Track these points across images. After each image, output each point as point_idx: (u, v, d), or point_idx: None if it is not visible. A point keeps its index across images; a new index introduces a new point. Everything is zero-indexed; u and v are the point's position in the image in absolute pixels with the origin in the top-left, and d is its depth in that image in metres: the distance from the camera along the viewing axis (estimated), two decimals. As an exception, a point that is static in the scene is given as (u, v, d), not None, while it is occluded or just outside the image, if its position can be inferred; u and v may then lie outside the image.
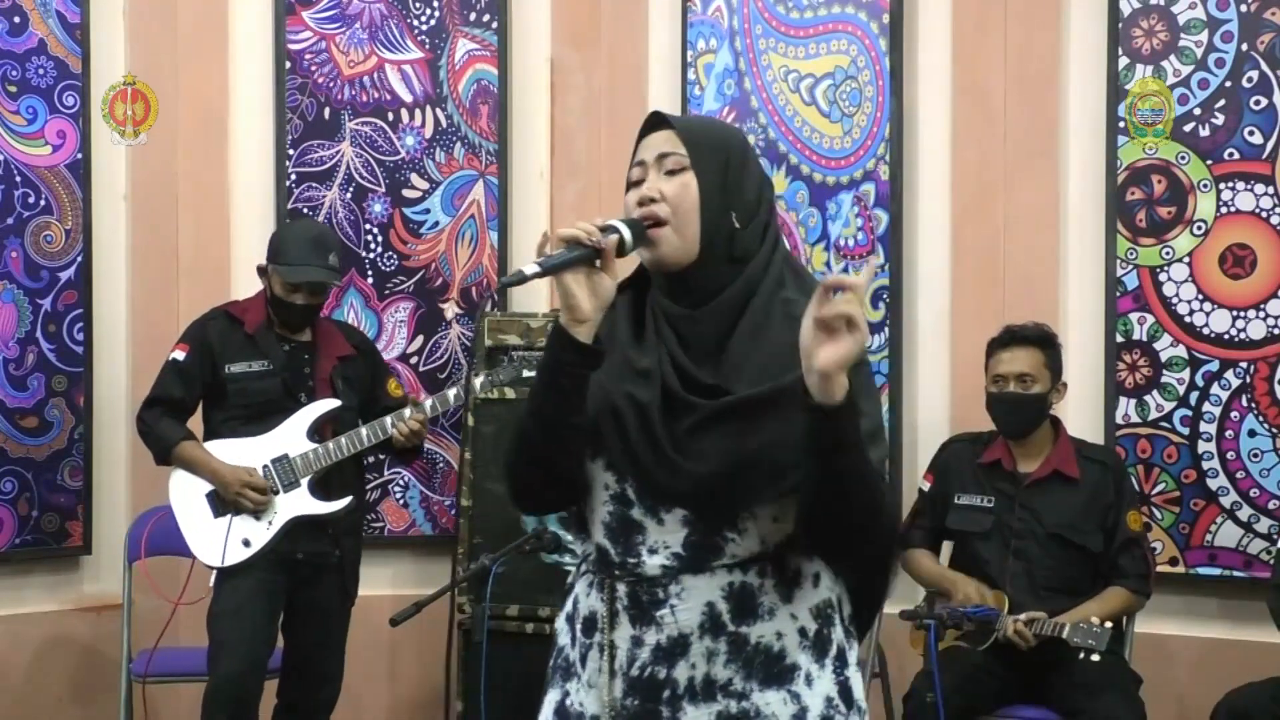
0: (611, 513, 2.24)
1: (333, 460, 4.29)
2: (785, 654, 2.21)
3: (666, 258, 2.22)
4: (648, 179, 2.25)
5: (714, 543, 2.20)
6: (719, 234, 2.22)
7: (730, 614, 2.20)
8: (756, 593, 2.21)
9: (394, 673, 5.22)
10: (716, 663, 2.20)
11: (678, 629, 2.20)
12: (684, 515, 2.20)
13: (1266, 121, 4.37)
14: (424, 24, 5.26)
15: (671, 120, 2.28)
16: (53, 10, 4.91)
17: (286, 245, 4.33)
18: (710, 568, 2.20)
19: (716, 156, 2.25)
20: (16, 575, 4.93)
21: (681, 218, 2.22)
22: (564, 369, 2.16)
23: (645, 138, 2.30)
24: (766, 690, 2.20)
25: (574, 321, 2.15)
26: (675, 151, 2.24)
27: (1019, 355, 4.23)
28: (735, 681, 2.20)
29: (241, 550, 4.24)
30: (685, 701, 2.21)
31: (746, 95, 5.03)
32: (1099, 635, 3.90)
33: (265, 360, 4.33)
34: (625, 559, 2.23)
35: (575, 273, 2.14)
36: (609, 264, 2.16)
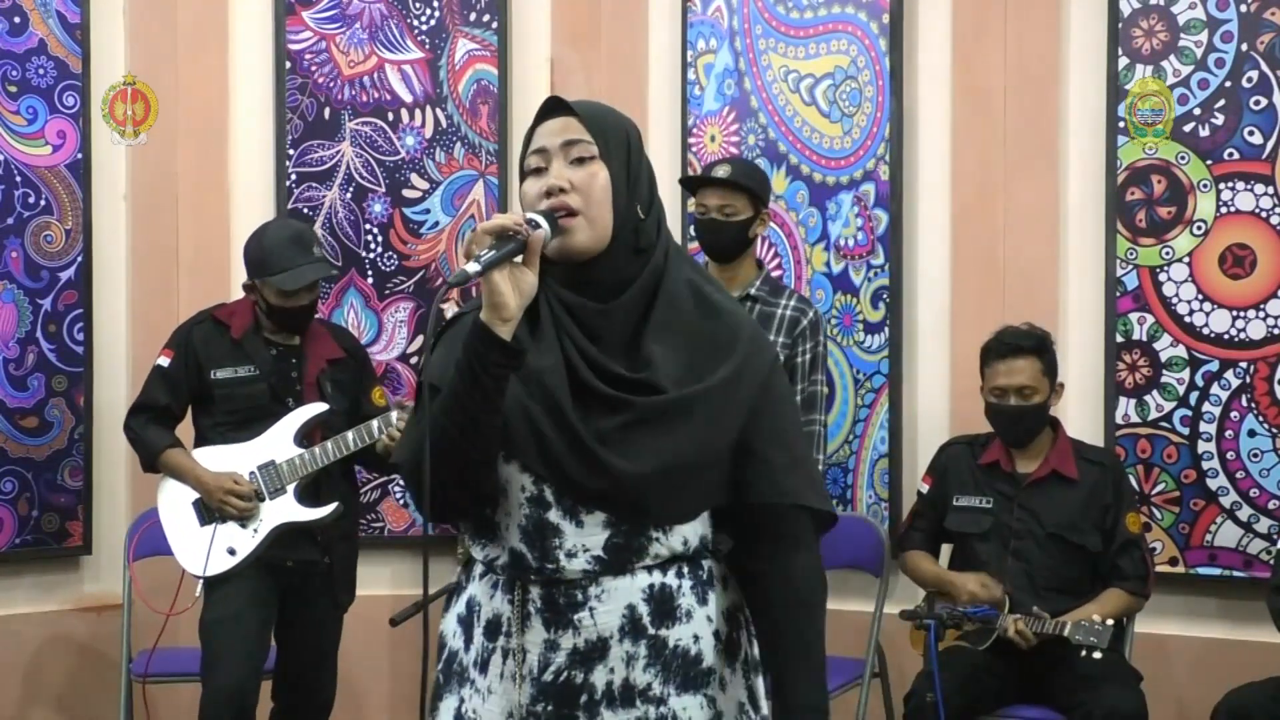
0: (528, 515, 2.15)
1: (319, 465, 4.25)
2: (702, 657, 2.17)
3: (577, 248, 2.14)
4: (551, 167, 2.18)
5: (638, 544, 2.14)
6: (627, 224, 2.16)
7: (650, 616, 2.15)
8: (675, 594, 2.16)
9: (394, 673, 5.22)
10: (636, 667, 2.14)
11: (596, 632, 2.14)
12: (605, 517, 2.13)
13: (1266, 121, 4.37)
14: (424, 24, 5.26)
15: (574, 106, 2.21)
16: (53, 10, 4.91)
17: (268, 255, 4.20)
18: (632, 569, 2.14)
19: (621, 145, 2.20)
20: (16, 575, 4.93)
21: (593, 208, 2.15)
22: (487, 369, 2.06)
23: (543, 123, 2.23)
24: (684, 694, 2.16)
25: (498, 320, 2.06)
26: (582, 139, 2.18)
27: (1018, 367, 4.20)
28: (654, 686, 2.15)
29: (226, 558, 4.21)
30: (603, 707, 2.14)
31: (746, 95, 5.03)
32: (1100, 633, 3.90)
33: (251, 365, 4.28)
34: (543, 564, 2.15)
35: (503, 269, 2.06)
36: (532, 258, 2.09)
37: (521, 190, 2.23)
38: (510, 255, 2.07)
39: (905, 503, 4.69)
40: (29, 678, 4.96)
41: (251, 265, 4.26)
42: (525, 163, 2.24)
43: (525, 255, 2.09)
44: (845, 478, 4.89)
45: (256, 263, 4.24)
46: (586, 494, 2.12)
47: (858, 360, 4.87)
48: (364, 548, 4.55)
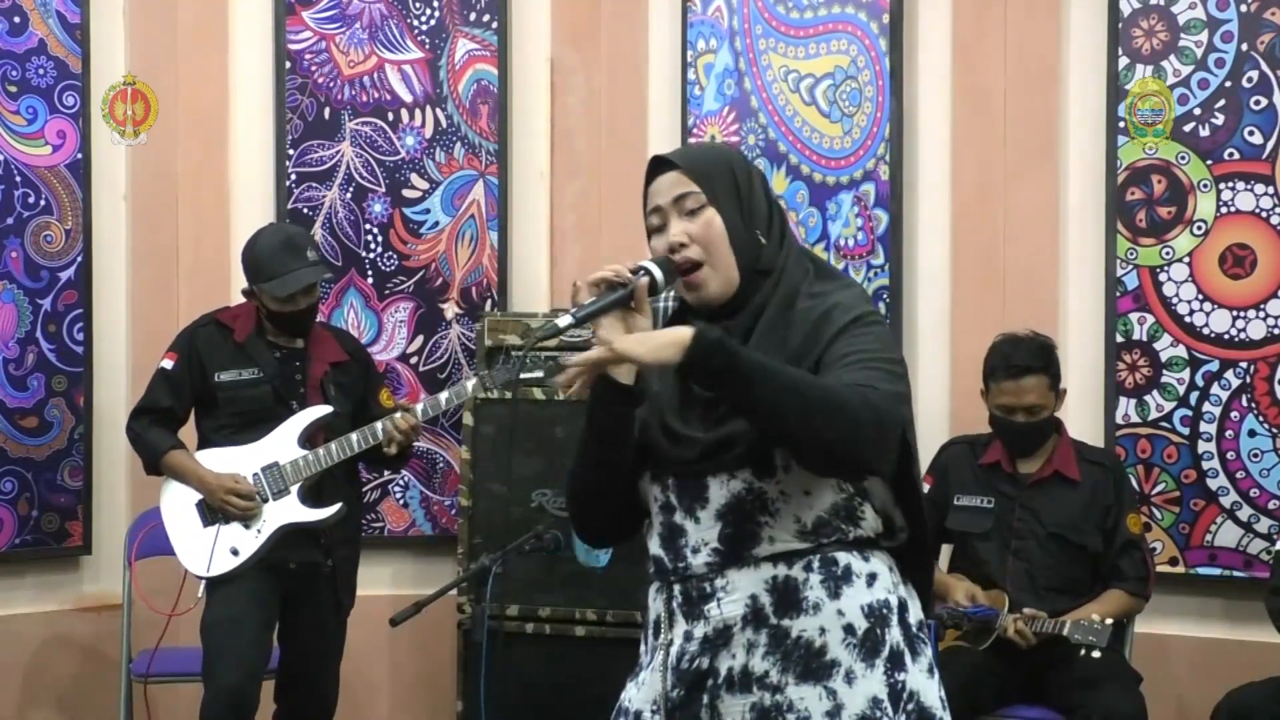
0: (662, 522, 2.34)
1: (323, 466, 4.26)
2: (826, 650, 2.25)
3: (711, 297, 2.31)
4: (670, 225, 2.32)
5: (748, 530, 2.26)
6: (751, 258, 2.31)
7: (773, 607, 2.26)
8: (801, 587, 2.26)
9: (394, 673, 5.22)
10: (755, 654, 2.26)
11: (723, 621, 2.27)
12: (717, 510, 2.27)
13: (1266, 121, 4.37)
14: (424, 24, 5.25)
15: (675, 160, 2.35)
16: (53, 10, 4.91)
17: (262, 261, 4.23)
18: (752, 559, 2.26)
19: (728, 184, 2.32)
20: (16, 575, 4.93)
21: (715, 255, 2.30)
22: (604, 408, 2.28)
23: (652, 182, 2.36)
24: (802, 685, 2.24)
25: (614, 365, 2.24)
26: (690, 190, 2.31)
27: (1027, 386, 4.18)
28: (771, 674, 2.25)
29: (229, 559, 4.21)
30: (724, 691, 2.27)
31: (746, 95, 5.02)
32: (1100, 632, 3.90)
33: (255, 368, 4.30)
34: (676, 564, 2.33)
35: (610, 315, 2.23)
36: (642, 304, 2.25)
37: (651, 247, 2.38)
38: (611, 306, 2.23)
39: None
40: (29, 678, 4.96)
41: (247, 272, 4.30)
42: (647, 221, 2.38)
43: (635, 302, 2.25)
44: (845, 478, 4.88)
45: (251, 270, 4.27)
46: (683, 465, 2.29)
47: (858, 360, 4.86)
48: (364, 548, 4.56)
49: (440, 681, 5.06)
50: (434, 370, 5.27)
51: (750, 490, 2.26)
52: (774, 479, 2.26)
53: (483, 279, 5.29)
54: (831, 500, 2.27)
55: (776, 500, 2.26)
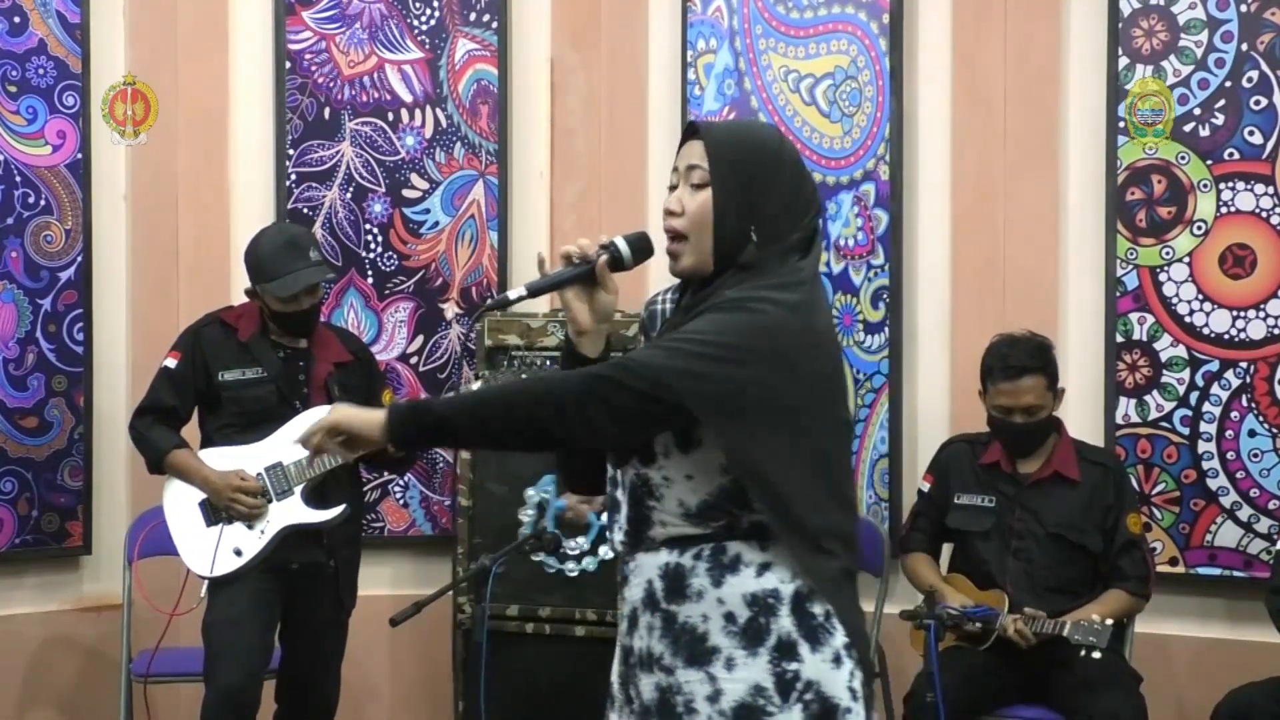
0: (609, 494, 2.44)
1: (327, 468, 4.25)
2: (708, 636, 2.31)
3: (681, 271, 2.37)
4: (678, 189, 2.37)
5: (642, 514, 2.35)
6: (732, 249, 2.32)
7: (664, 592, 2.34)
8: (688, 574, 2.33)
9: (394, 673, 5.22)
10: (654, 636, 2.35)
11: (632, 602, 2.40)
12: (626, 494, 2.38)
13: (1266, 121, 4.37)
14: (424, 24, 5.26)
15: (702, 130, 2.37)
16: (53, 10, 4.91)
17: (264, 261, 4.23)
18: (651, 544, 2.36)
19: (737, 171, 2.33)
20: (16, 575, 4.93)
21: (696, 234, 2.34)
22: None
23: (684, 145, 2.40)
24: (689, 668, 2.32)
25: (576, 334, 2.37)
26: (700, 165, 2.35)
27: (1025, 387, 4.18)
28: (665, 656, 2.34)
29: (233, 559, 4.22)
30: (638, 669, 2.39)
31: (746, 95, 5.02)
32: (1100, 633, 3.90)
33: (259, 368, 4.30)
34: (612, 536, 2.45)
35: (574, 289, 2.34)
36: (604, 279, 2.34)
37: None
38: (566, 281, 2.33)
39: (905, 503, 4.69)
40: (29, 678, 4.96)
41: (250, 272, 4.30)
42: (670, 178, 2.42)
43: (599, 279, 2.35)
44: (845, 478, 4.88)
45: (254, 270, 4.27)
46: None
47: (858, 360, 4.87)
48: (364, 548, 4.56)
49: (440, 681, 5.06)
50: (434, 370, 5.27)
51: (639, 476, 2.35)
52: (655, 464, 2.34)
53: (483, 279, 5.29)
54: (718, 483, 2.31)
55: (660, 486, 2.33)
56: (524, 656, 4.65)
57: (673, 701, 2.31)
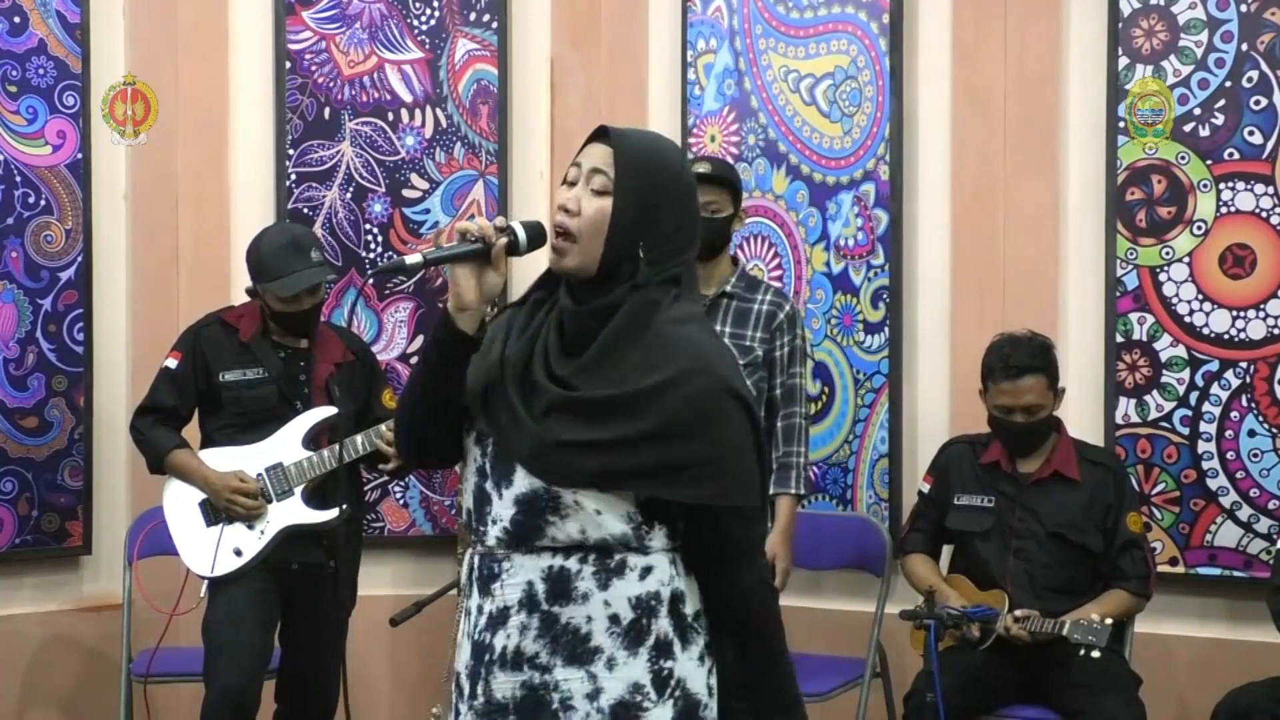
0: (476, 484, 2.42)
1: (327, 468, 4.26)
2: (591, 637, 2.35)
3: (564, 269, 2.37)
4: (576, 187, 2.38)
5: (536, 524, 2.35)
6: (621, 261, 2.35)
7: (545, 595, 2.35)
8: (573, 578, 2.35)
9: (394, 673, 5.22)
10: (528, 636, 2.36)
11: (504, 601, 2.38)
12: (516, 495, 2.35)
13: (1266, 121, 4.37)
14: (424, 24, 5.26)
15: (616, 140, 2.38)
16: (53, 10, 4.91)
17: (266, 261, 4.23)
18: (534, 548, 2.36)
19: (640, 186, 2.36)
20: (16, 575, 4.93)
21: (586, 237, 2.34)
22: (438, 348, 2.39)
23: (591, 144, 2.42)
24: (568, 667, 2.34)
25: (457, 308, 2.35)
26: (605, 172, 2.36)
27: (1025, 386, 4.17)
28: (541, 655, 2.35)
29: (233, 559, 4.22)
30: (496, 667, 2.38)
31: (746, 95, 5.03)
32: (1099, 632, 3.90)
33: (260, 368, 4.30)
34: (478, 527, 2.42)
35: (466, 265, 2.34)
36: (498, 262, 2.35)
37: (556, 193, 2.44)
38: (461, 257, 2.34)
39: (905, 503, 4.69)
40: (29, 678, 4.96)
41: (252, 272, 4.29)
42: (567, 171, 2.42)
43: (493, 259, 2.35)
44: (845, 478, 4.89)
45: (255, 269, 4.27)
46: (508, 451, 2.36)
47: (858, 360, 4.87)
48: (364, 548, 4.55)
49: (440, 681, 5.06)
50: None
51: (548, 491, 2.33)
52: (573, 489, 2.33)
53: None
54: (621, 529, 2.33)
55: (569, 508, 2.32)
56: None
57: (546, 699, 2.34)
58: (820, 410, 4.91)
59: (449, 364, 2.38)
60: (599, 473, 2.29)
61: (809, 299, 4.94)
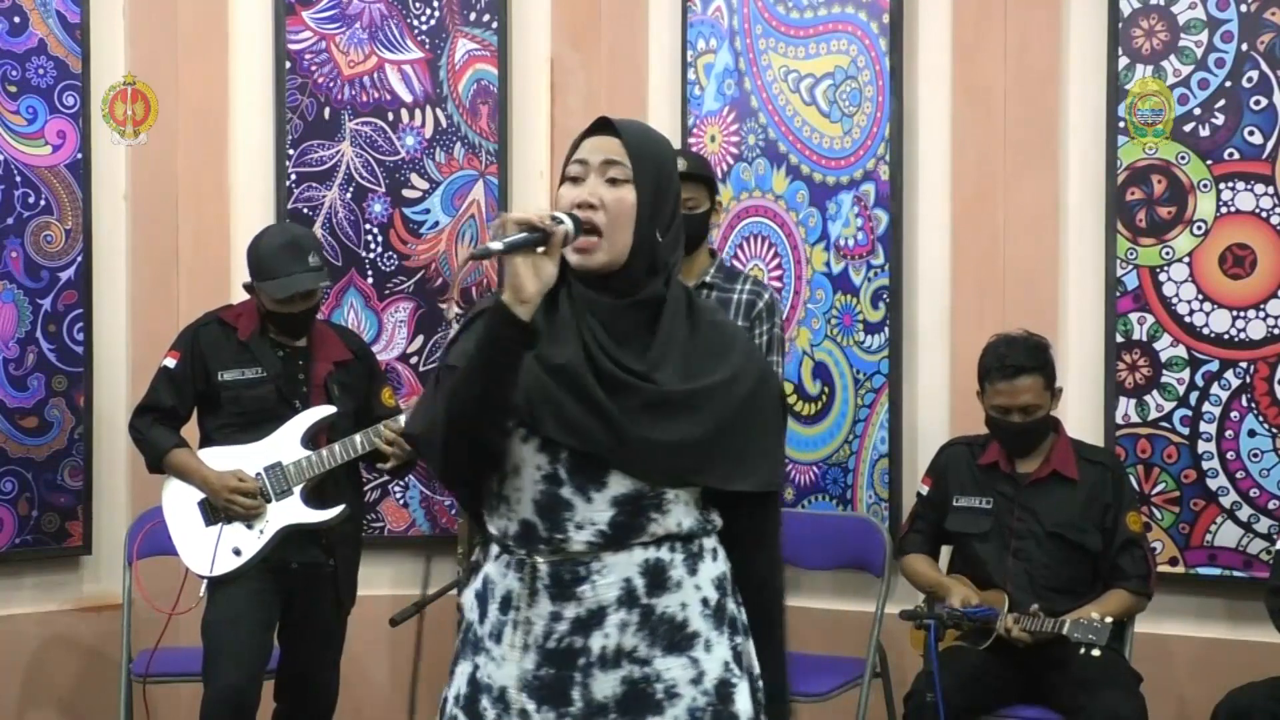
0: (543, 491, 2.36)
1: (326, 468, 4.26)
2: (688, 623, 2.37)
3: (594, 265, 2.34)
4: (588, 182, 2.36)
5: (638, 522, 2.35)
6: (644, 248, 2.36)
7: (645, 588, 2.36)
8: (667, 568, 2.37)
9: (394, 673, 5.22)
10: (628, 632, 2.35)
11: (597, 603, 2.35)
12: (614, 497, 2.33)
13: (1266, 121, 4.37)
14: (424, 24, 5.26)
15: (620, 129, 2.38)
16: (53, 10, 4.91)
17: (263, 260, 4.23)
18: (630, 545, 2.35)
19: (653, 173, 2.38)
20: (16, 575, 4.93)
21: (615, 229, 2.33)
22: (502, 345, 2.28)
23: (590, 138, 2.39)
24: (669, 656, 2.36)
25: (517, 301, 2.26)
26: (621, 161, 2.35)
27: (1022, 386, 4.17)
28: (640, 648, 2.35)
29: (232, 559, 4.21)
30: (596, 669, 2.35)
31: (746, 95, 5.03)
32: (1099, 631, 3.90)
33: (259, 367, 4.29)
34: (553, 534, 2.35)
35: (525, 255, 2.26)
36: (554, 251, 2.28)
37: (558, 194, 2.39)
38: (531, 244, 2.25)
39: (905, 503, 4.69)
40: (29, 678, 4.96)
41: (249, 268, 4.30)
42: (566, 169, 2.39)
43: (548, 247, 2.27)
44: (845, 478, 4.89)
45: (252, 266, 4.28)
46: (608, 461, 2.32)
47: (858, 360, 4.86)
48: (364, 548, 4.55)
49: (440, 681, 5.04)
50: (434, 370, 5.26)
51: (654, 490, 2.35)
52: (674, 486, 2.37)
53: (483, 279, 5.29)
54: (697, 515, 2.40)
55: (672, 503, 2.36)
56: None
57: (648, 690, 2.34)
58: (820, 410, 4.91)
59: (513, 359, 2.29)
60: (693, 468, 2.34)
61: (809, 299, 4.94)
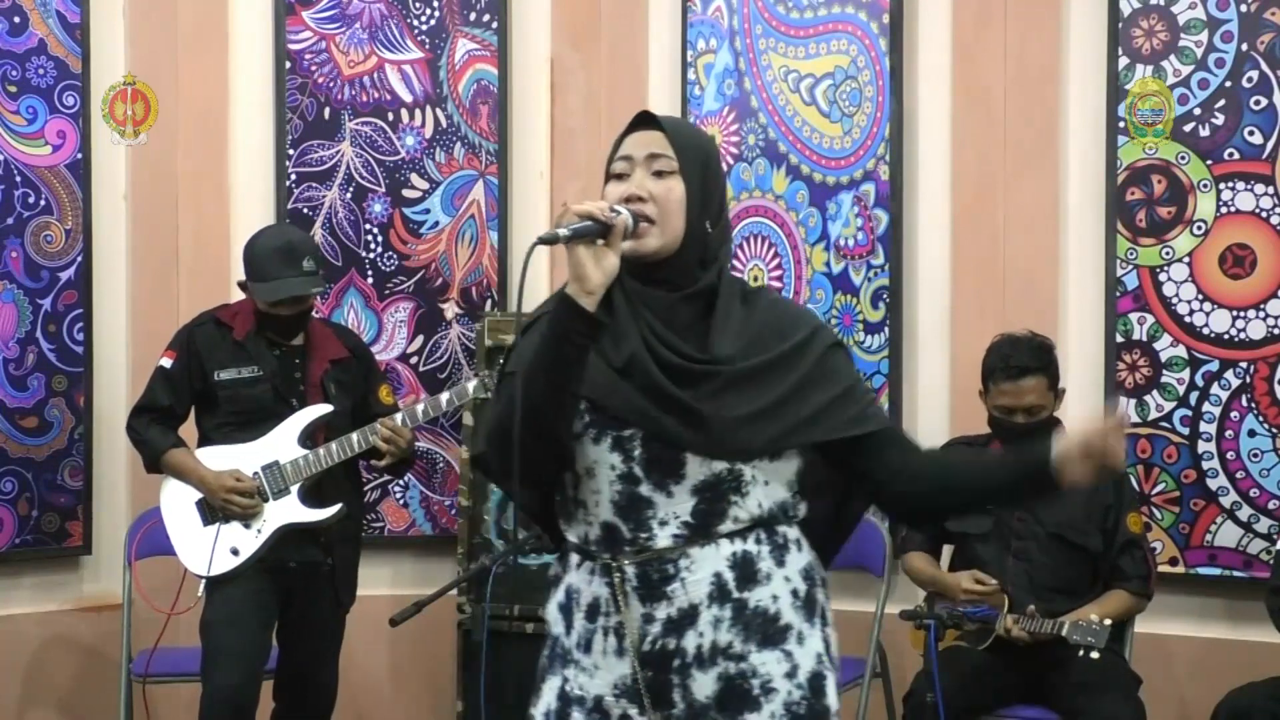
0: (620, 491, 2.36)
1: (323, 466, 4.26)
2: (780, 615, 2.38)
3: (647, 250, 2.35)
4: (634, 176, 2.38)
5: (720, 507, 2.34)
6: (695, 236, 2.38)
7: (735, 582, 2.36)
8: (756, 560, 2.37)
9: (394, 673, 5.22)
10: (721, 629, 2.35)
11: (688, 600, 2.34)
12: (694, 485, 2.33)
13: (1266, 121, 4.37)
14: (424, 24, 5.26)
15: (663, 122, 2.41)
16: (53, 10, 4.91)
17: (257, 261, 4.23)
18: (715, 537, 2.35)
19: (699, 164, 2.41)
20: (16, 575, 4.93)
21: (666, 219, 2.36)
22: (570, 337, 2.27)
23: (633, 134, 2.42)
24: (763, 650, 2.36)
25: (582, 292, 2.26)
26: (665, 154, 2.38)
27: (1026, 387, 4.16)
28: (734, 645, 2.35)
29: (230, 559, 4.21)
30: (694, 668, 2.34)
31: (746, 95, 5.03)
32: (1098, 633, 3.90)
33: (255, 366, 4.29)
34: (637, 534, 2.35)
35: (587, 246, 2.26)
36: (614, 242, 2.28)
37: (605, 191, 2.41)
38: (594, 234, 2.26)
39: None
40: (29, 678, 4.96)
41: (245, 266, 4.31)
42: (611, 167, 2.42)
43: (609, 239, 2.28)
44: (845, 478, 4.88)
45: (247, 266, 4.29)
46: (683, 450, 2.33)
47: (858, 360, 4.86)
48: (364, 548, 4.55)
49: (440, 681, 5.06)
50: (434, 370, 5.27)
51: (731, 470, 2.35)
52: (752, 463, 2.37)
53: (483, 279, 5.29)
54: (784, 497, 2.42)
55: (750, 484, 2.37)
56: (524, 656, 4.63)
57: (745, 687, 2.34)
58: (820, 410, 4.90)
59: (581, 352, 2.28)
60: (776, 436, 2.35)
61: (809, 299, 4.94)
